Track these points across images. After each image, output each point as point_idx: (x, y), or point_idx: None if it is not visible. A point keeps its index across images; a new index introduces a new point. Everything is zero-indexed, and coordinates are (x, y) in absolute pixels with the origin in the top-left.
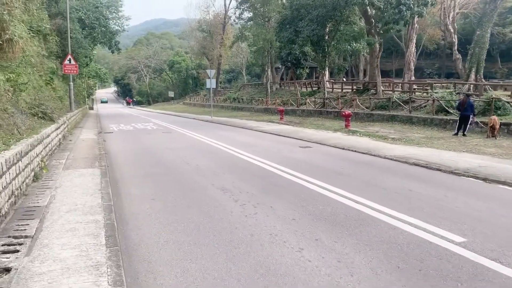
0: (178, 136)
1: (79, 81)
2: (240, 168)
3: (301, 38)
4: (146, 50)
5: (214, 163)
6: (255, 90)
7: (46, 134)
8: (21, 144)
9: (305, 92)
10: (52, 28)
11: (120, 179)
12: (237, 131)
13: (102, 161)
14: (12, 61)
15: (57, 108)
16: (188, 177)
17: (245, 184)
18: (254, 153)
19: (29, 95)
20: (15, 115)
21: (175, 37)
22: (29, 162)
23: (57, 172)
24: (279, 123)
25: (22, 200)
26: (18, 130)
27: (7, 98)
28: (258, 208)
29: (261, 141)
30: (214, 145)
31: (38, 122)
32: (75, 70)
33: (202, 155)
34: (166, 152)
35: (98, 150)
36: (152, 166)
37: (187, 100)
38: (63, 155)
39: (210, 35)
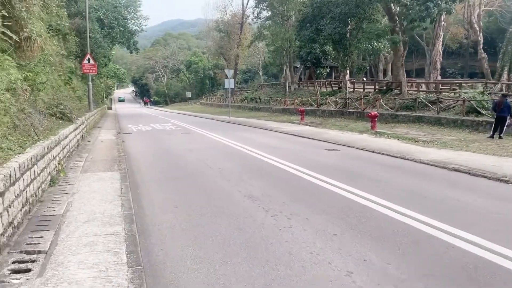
0: (197, 137)
1: (97, 81)
2: (266, 172)
3: (322, 37)
4: (164, 50)
5: (237, 167)
6: (272, 90)
7: (64, 135)
8: (37, 146)
9: (324, 92)
10: (71, 27)
11: (140, 183)
12: (257, 132)
13: (122, 163)
14: (30, 60)
15: (75, 108)
16: (211, 182)
17: (273, 191)
18: (278, 155)
19: (47, 95)
20: (32, 115)
21: (192, 37)
22: (46, 166)
23: (75, 175)
24: (299, 123)
25: (37, 207)
26: (35, 131)
27: (24, 97)
28: (293, 220)
29: (283, 143)
30: (235, 147)
31: (56, 123)
32: (94, 69)
33: (224, 157)
34: (186, 154)
35: (117, 152)
36: (173, 169)
37: (204, 100)
38: (81, 157)
39: (227, 35)
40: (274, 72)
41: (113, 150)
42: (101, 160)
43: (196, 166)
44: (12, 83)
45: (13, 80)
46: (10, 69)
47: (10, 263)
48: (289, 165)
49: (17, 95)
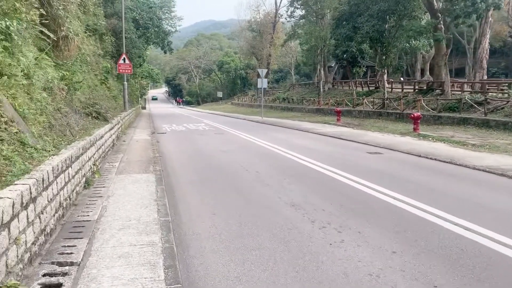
0: (231, 137)
1: (132, 81)
2: (306, 176)
3: (360, 35)
4: (196, 51)
5: (275, 170)
6: (305, 90)
7: (99, 135)
8: (72, 147)
9: (360, 92)
10: (107, 27)
11: (176, 186)
12: (292, 133)
13: (157, 164)
14: (67, 59)
15: (111, 107)
16: (249, 186)
17: (317, 199)
18: (317, 158)
19: (83, 94)
20: (68, 114)
21: (224, 37)
22: (80, 167)
23: (110, 177)
24: (336, 124)
25: (71, 211)
26: (70, 131)
27: (61, 97)
28: (344, 234)
29: (321, 145)
30: (270, 149)
31: (92, 122)
32: (129, 69)
33: (260, 159)
34: (221, 156)
35: (152, 152)
36: (208, 171)
37: (235, 100)
38: (116, 157)
39: (259, 35)
40: (306, 72)
41: (148, 150)
42: (136, 161)
43: (232, 169)
44: (49, 82)
45: (50, 79)
46: (47, 68)
47: (41, 275)
48: (329, 169)
49: (54, 94)
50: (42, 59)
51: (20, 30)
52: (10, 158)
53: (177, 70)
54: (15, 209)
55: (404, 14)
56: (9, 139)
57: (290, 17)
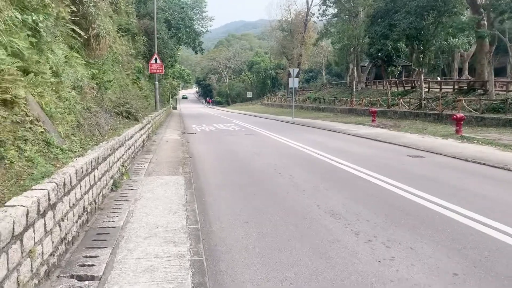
0: (262, 138)
1: (164, 82)
2: (344, 181)
3: (396, 33)
4: (227, 51)
5: (310, 174)
6: (337, 90)
7: (129, 135)
8: (99, 148)
9: (395, 92)
10: (140, 28)
11: (206, 190)
12: (325, 135)
13: (186, 166)
14: (98, 58)
15: (142, 107)
16: (283, 191)
17: (359, 207)
18: (355, 162)
19: (114, 94)
20: (98, 114)
21: (254, 37)
22: (108, 169)
23: (138, 179)
24: (371, 125)
25: (96, 216)
26: (99, 131)
27: (91, 95)
28: (393, 250)
29: (357, 147)
30: (304, 151)
31: (122, 122)
32: (161, 69)
33: (294, 162)
34: (252, 158)
35: (182, 153)
36: (240, 175)
37: (264, 101)
38: (146, 158)
39: (290, 34)
40: (337, 72)
41: (177, 151)
42: (165, 162)
43: (264, 171)
44: (79, 81)
45: (79, 77)
46: (78, 67)
47: None
48: (369, 174)
49: (84, 93)
50: (72, 57)
51: (49, 27)
52: (33, 160)
53: (207, 70)
54: (30, 219)
55: (444, 10)
56: (34, 139)
57: (322, 15)
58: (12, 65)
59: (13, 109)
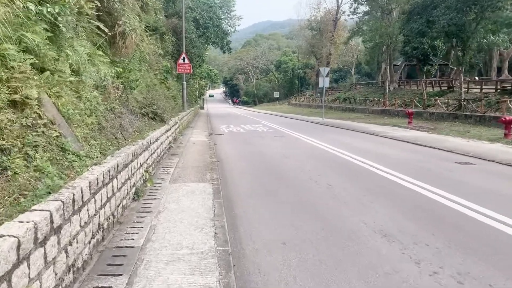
0: (292, 141)
1: (192, 82)
2: (390, 193)
3: (435, 30)
4: (254, 50)
5: (350, 182)
6: (368, 90)
7: (154, 138)
8: (120, 154)
9: (431, 92)
10: (168, 27)
11: (235, 200)
12: (359, 137)
13: (214, 172)
14: (125, 57)
15: (169, 107)
16: (322, 204)
17: (414, 227)
18: (397, 168)
19: (141, 94)
20: (122, 115)
21: (282, 37)
22: (129, 177)
23: (163, 186)
24: (407, 127)
25: (113, 232)
26: (122, 134)
27: (115, 96)
28: (467, 286)
29: (397, 152)
30: (339, 155)
31: (147, 124)
32: (189, 69)
33: (330, 168)
34: (284, 162)
35: (210, 157)
36: (272, 182)
37: (292, 101)
38: (172, 161)
39: (319, 33)
40: (367, 71)
41: (205, 154)
42: (192, 166)
43: (298, 179)
44: (102, 80)
45: (103, 76)
46: (102, 65)
47: None
48: (416, 183)
49: (108, 93)
50: (96, 56)
51: (69, 22)
52: (43, 169)
53: (234, 70)
54: (23, 251)
55: (487, 5)
56: (46, 144)
57: (353, 13)
58: (24, 62)
59: (24, 111)
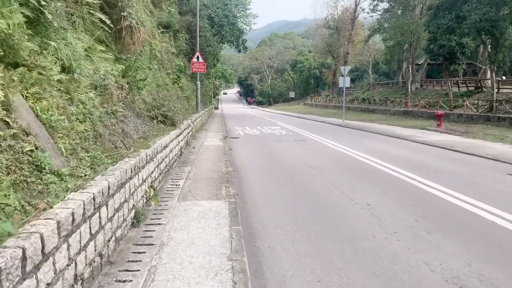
0: (315, 146)
1: (206, 82)
2: (449, 218)
3: (466, 26)
4: (270, 50)
5: (394, 203)
6: (388, 90)
7: (162, 145)
8: (114, 172)
9: (457, 93)
10: (182, 25)
11: (257, 227)
12: (387, 141)
13: (230, 185)
14: (132, 54)
15: (182, 108)
16: (367, 236)
17: (497, 272)
18: (444, 183)
19: (151, 94)
20: (127, 119)
21: (298, 36)
22: (127, 199)
23: (170, 205)
24: (437, 130)
25: (100, 280)
26: (123, 142)
27: (119, 97)
28: None
29: (436, 160)
30: (372, 164)
31: (156, 128)
32: (203, 68)
33: (365, 182)
34: (310, 174)
35: (225, 165)
36: (299, 202)
37: (308, 101)
38: (182, 171)
39: (336, 32)
40: (384, 71)
41: (219, 162)
42: (205, 178)
43: (331, 198)
44: (102, 79)
45: (103, 75)
46: (102, 62)
47: None
48: (475, 204)
49: (109, 94)
50: (96, 51)
51: (59, 9)
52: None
53: (249, 70)
54: None
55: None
56: (14, 163)
57: (372, 11)
58: None
59: None
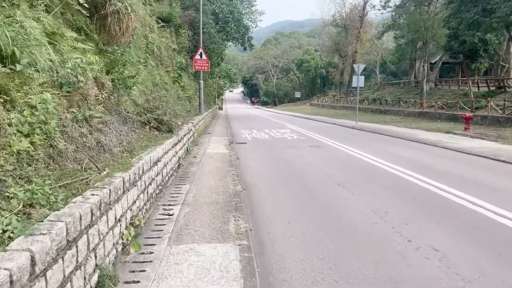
0: (334, 154)
1: (210, 81)
2: None
3: (495, 19)
4: (275, 49)
5: (474, 247)
6: (399, 90)
7: (151, 161)
8: (51, 228)
9: (477, 93)
10: (184, 20)
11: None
12: (415, 148)
13: (240, 215)
14: (122, 46)
15: (183, 110)
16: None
17: None
18: (501, 203)
19: (144, 94)
20: (107, 126)
21: (303, 35)
22: (79, 264)
23: (156, 252)
24: (465, 135)
25: None
26: (92, 161)
27: (98, 98)
28: None
29: (489, 176)
30: (411, 181)
31: (147, 136)
32: (207, 66)
33: (419, 211)
34: (340, 196)
35: (232, 181)
36: (339, 245)
37: (314, 101)
38: (178, 192)
39: (345, 30)
40: (392, 70)
41: (225, 176)
42: (207, 202)
43: (378, 235)
44: (72, 75)
45: (72, 68)
46: (74, 53)
47: None
48: None
49: (82, 94)
50: (65, 39)
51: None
52: None
53: (254, 70)
54: None
55: None
56: None
57: (383, 7)
58: None
59: None
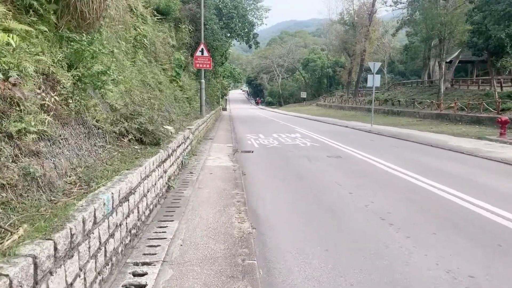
0: (360, 167)
1: (214, 81)
2: None
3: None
4: (280, 48)
5: None
6: (412, 90)
7: (123, 192)
8: None
9: (500, 93)
10: (185, 14)
11: None
12: (454, 160)
13: (250, 279)
14: (88, 30)
15: (181, 113)
16: None
17: None
18: None
19: (128, 96)
20: (53, 145)
21: (309, 35)
22: None
23: None
24: (503, 141)
25: None
26: (8, 213)
27: (44, 105)
28: None
29: None
30: (477, 212)
31: (122, 154)
32: (208, 64)
33: (506, 265)
34: (386, 239)
35: (237, 215)
36: None
37: (320, 101)
38: (162, 235)
39: (353, 28)
40: (400, 70)
41: (228, 206)
42: (201, 258)
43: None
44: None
45: None
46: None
47: None
48: None
49: (7, 99)
50: None
51: None
52: None
53: (259, 69)
54: None
55: None
56: None
57: (395, 3)
58: None
59: None
